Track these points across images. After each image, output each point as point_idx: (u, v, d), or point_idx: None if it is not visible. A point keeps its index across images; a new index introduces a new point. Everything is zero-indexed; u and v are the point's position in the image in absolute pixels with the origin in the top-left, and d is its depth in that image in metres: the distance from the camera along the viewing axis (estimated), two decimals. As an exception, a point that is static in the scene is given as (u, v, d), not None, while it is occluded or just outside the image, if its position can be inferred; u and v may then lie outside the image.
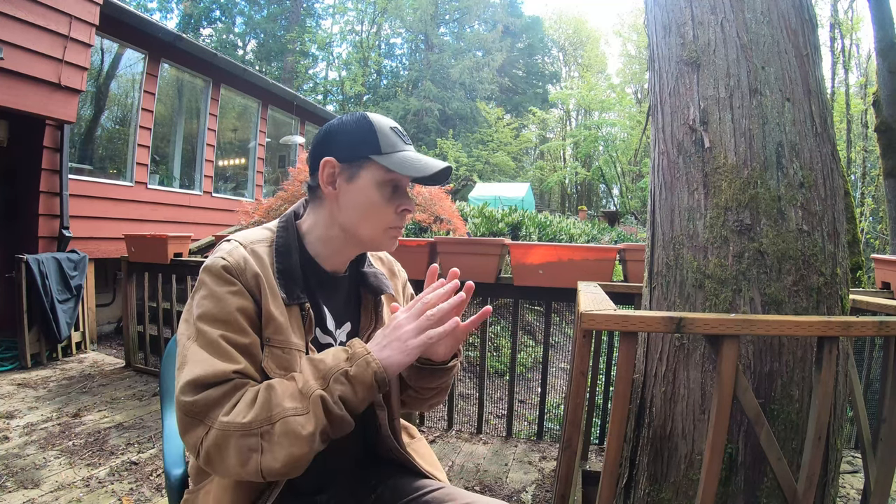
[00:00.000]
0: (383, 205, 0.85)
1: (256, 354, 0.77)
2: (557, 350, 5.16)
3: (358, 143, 0.84)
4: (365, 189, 0.84)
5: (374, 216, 0.85)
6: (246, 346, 0.76)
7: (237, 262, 0.79)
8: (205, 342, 0.74)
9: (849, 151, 10.37)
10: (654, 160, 1.45)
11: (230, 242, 0.84)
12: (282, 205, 3.96)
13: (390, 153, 0.84)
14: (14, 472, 2.05)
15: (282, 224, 0.89)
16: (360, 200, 0.84)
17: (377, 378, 0.74)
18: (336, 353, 0.76)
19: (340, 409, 0.72)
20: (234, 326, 0.76)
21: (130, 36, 5.08)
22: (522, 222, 5.95)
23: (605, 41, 32.54)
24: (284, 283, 0.82)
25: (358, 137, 0.84)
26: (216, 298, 0.77)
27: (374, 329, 0.92)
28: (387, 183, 0.85)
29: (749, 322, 0.98)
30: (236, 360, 0.74)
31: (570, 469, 1.18)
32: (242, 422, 0.69)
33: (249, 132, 7.69)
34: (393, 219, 0.87)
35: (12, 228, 4.11)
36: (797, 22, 1.31)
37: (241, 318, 0.77)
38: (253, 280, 0.79)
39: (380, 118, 0.87)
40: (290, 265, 0.84)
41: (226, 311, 0.76)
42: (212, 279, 0.78)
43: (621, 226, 11.51)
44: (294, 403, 0.71)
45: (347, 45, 24.68)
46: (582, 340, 1.11)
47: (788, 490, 1.06)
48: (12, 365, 3.52)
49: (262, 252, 0.84)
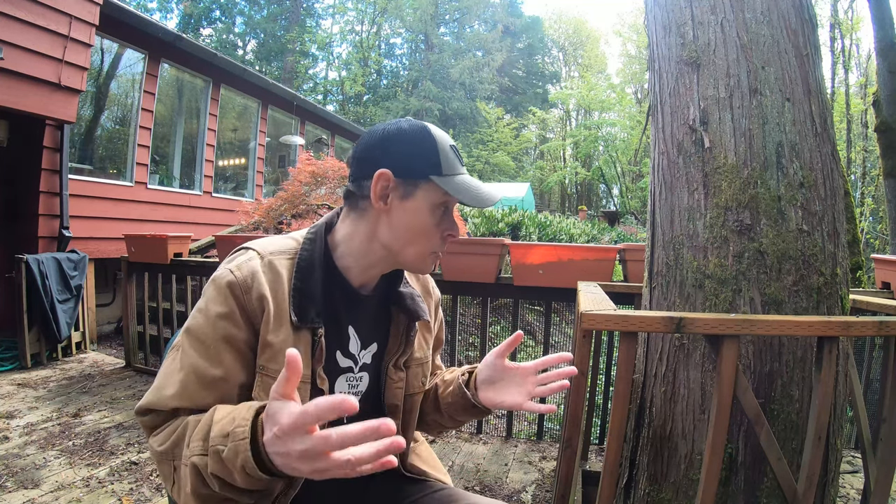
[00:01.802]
0: (433, 228, 0.80)
1: (226, 387, 0.73)
2: (557, 350, 5.14)
3: (419, 160, 0.77)
4: (419, 210, 0.78)
5: (422, 239, 0.80)
6: (213, 380, 0.72)
7: (244, 279, 0.74)
8: (175, 367, 0.73)
9: (849, 151, 10.37)
10: (654, 160, 1.45)
11: (248, 252, 0.79)
12: (282, 205, 3.96)
13: (451, 175, 0.78)
14: (14, 472, 2.05)
15: (310, 236, 0.83)
16: (412, 221, 0.79)
17: (247, 470, 0.58)
18: (234, 418, 0.62)
19: (216, 487, 0.63)
20: (210, 355, 0.72)
21: (130, 36, 5.08)
22: (522, 222, 5.95)
23: (605, 41, 32.51)
24: (299, 303, 0.76)
25: (419, 152, 0.78)
26: (207, 319, 0.73)
27: (402, 353, 0.87)
28: (440, 206, 0.79)
29: (749, 322, 0.98)
30: (188, 397, 0.71)
31: (570, 469, 1.18)
32: (159, 449, 0.70)
33: (249, 132, 7.69)
34: (438, 243, 0.81)
35: (12, 228, 4.11)
36: (797, 22, 1.31)
37: (222, 349, 0.73)
38: (257, 302, 0.74)
39: (441, 134, 0.80)
40: (309, 283, 0.77)
41: (209, 338, 0.72)
42: (213, 293, 0.74)
43: (621, 226, 11.50)
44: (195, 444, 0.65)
45: (347, 45, 24.69)
46: (582, 340, 1.11)
47: (788, 490, 1.06)
48: (12, 365, 3.52)
49: (281, 265, 0.78)
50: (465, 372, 0.92)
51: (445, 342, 1.19)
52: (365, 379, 0.85)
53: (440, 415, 0.94)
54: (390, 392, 0.86)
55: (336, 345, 0.81)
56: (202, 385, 0.71)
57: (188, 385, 0.71)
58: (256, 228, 4.16)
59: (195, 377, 0.71)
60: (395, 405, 0.87)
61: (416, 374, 0.90)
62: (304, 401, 0.73)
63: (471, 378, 0.90)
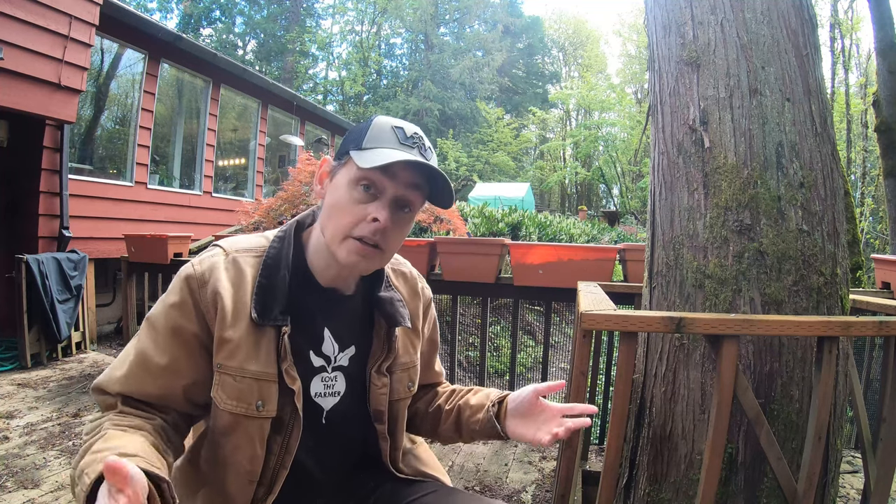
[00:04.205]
0: (348, 206, 0.74)
1: (170, 378, 0.73)
2: (557, 350, 5.16)
3: (349, 141, 0.76)
4: (339, 187, 0.75)
5: (335, 217, 0.75)
6: (158, 368, 0.73)
7: (202, 273, 0.74)
8: (129, 350, 0.75)
9: (849, 151, 10.37)
10: (654, 160, 1.45)
11: (214, 248, 0.79)
12: (282, 205, 3.96)
13: (370, 148, 0.72)
14: (14, 472, 2.05)
15: (280, 234, 0.81)
16: (331, 199, 0.76)
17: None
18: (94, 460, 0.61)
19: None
20: (159, 343, 0.73)
21: (130, 36, 5.08)
22: (522, 222, 5.94)
23: (605, 41, 32.57)
24: (262, 301, 0.74)
25: (351, 135, 0.77)
26: (162, 308, 0.75)
27: (385, 359, 0.85)
28: (358, 181, 0.73)
29: (749, 322, 0.98)
30: (133, 383, 0.73)
31: (570, 469, 1.18)
32: (84, 435, 0.71)
33: (249, 132, 7.69)
34: (353, 225, 0.73)
35: (12, 228, 4.11)
36: (797, 22, 1.31)
37: (170, 338, 0.73)
38: (210, 297, 0.73)
39: (387, 118, 0.77)
40: (273, 281, 0.76)
41: (160, 326, 0.74)
42: (173, 285, 0.76)
43: (621, 226, 11.50)
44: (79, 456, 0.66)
45: (347, 45, 24.70)
46: (582, 340, 1.11)
47: (788, 490, 1.06)
48: (12, 365, 3.52)
49: (246, 263, 0.77)
50: (495, 402, 0.88)
51: (445, 342, 1.16)
52: (340, 379, 0.83)
53: (458, 435, 0.93)
54: (374, 398, 0.84)
55: (308, 345, 0.80)
56: (147, 372, 0.73)
57: (134, 370, 0.73)
58: (256, 228, 4.15)
59: (142, 362, 0.73)
60: (380, 411, 0.85)
61: (400, 378, 0.88)
62: (273, 399, 0.74)
63: (500, 408, 0.88)
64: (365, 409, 0.85)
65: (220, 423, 0.75)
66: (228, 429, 0.75)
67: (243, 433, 0.74)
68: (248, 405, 0.73)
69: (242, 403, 0.73)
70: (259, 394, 0.73)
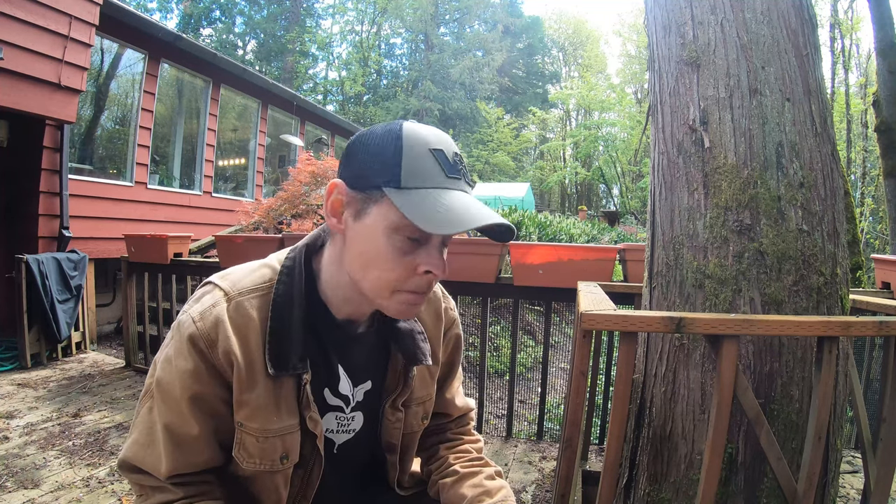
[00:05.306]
0: (392, 259, 0.63)
1: (208, 441, 0.68)
2: (557, 350, 5.16)
3: (374, 166, 0.61)
4: (373, 233, 0.63)
5: (377, 271, 0.64)
6: (193, 438, 0.66)
7: (207, 332, 0.65)
8: (149, 422, 0.68)
9: (849, 151, 10.37)
10: (654, 160, 1.45)
11: (212, 294, 0.69)
12: (282, 205, 3.96)
13: (414, 188, 0.59)
14: (14, 472, 2.05)
15: (288, 263, 0.71)
16: (364, 247, 0.64)
17: None
18: None
19: None
20: (184, 414, 0.66)
21: (130, 36, 5.08)
22: (522, 222, 5.94)
23: (605, 41, 32.62)
24: (277, 349, 0.67)
25: (378, 158, 0.61)
26: (172, 374, 0.66)
27: (401, 394, 0.79)
28: (400, 230, 0.62)
29: (749, 322, 0.98)
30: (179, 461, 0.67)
31: (570, 469, 1.18)
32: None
33: (249, 132, 7.69)
34: (404, 280, 0.64)
35: (12, 228, 4.11)
36: (797, 22, 1.31)
37: (191, 410, 0.66)
38: (224, 357, 0.66)
39: (419, 132, 0.62)
40: (289, 324, 0.68)
41: (175, 399, 0.66)
42: (177, 345, 0.67)
43: (621, 226, 11.49)
44: None
45: (347, 45, 24.73)
46: (582, 340, 1.11)
47: (788, 490, 1.06)
48: (12, 365, 3.52)
49: (252, 307, 0.68)
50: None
51: None
52: (358, 418, 0.79)
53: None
54: (387, 431, 0.81)
55: (323, 384, 0.74)
56: (184, 446, 0.67)
57: (170, 447, 0.66)
58: (256, 228, 4.16)
59: (174, 439, 0.67)
60: (393, 444, 0.82)
61: (415, 413, 0.83)
62: (296, 448, 0.70)
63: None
64: (377, 440, 0.83)
65: (243, 474, 0.72)
66: (251, 479, 0.73)
67: (268, 480, 0.72)
68: (273, 461, 0.69)
69: (266, 461, 0.69)
70: (283, 448, 0.69)
